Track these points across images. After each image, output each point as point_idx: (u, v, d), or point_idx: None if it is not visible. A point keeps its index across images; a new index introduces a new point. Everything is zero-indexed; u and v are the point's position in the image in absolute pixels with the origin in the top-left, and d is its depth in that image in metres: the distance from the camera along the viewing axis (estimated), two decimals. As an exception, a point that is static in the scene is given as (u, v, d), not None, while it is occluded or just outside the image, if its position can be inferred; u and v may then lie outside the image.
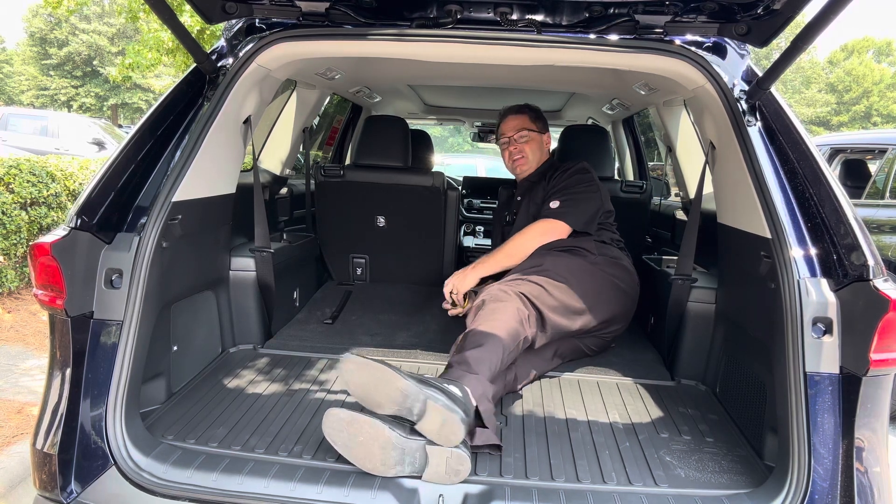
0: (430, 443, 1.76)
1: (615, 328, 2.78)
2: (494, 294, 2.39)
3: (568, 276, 2.55)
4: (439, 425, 1.76)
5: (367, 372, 1.84)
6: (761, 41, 2.09)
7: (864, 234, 1.78)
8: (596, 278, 2.66)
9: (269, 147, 3.69)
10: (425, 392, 1.79)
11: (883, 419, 1.75)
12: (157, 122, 2.14)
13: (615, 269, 2.77)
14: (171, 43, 9.18)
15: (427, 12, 2.22)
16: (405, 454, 1.76)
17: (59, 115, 16.26)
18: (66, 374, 1.85)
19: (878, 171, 5.41)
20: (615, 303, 2.70)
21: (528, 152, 3.12)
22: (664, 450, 2.00)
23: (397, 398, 1.80)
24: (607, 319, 2.68)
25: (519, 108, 3.19)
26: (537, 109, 3.21)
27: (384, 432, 1.75)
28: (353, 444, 1.76)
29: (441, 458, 1.75)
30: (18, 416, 3.54)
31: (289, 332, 3.00)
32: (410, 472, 1.76)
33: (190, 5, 2.13)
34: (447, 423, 1.76)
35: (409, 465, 1.75)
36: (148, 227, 1.97)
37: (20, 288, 5.46)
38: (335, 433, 1.78)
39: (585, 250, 2.75)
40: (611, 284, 2.70)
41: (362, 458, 1.76)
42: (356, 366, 1.86)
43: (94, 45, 37.36)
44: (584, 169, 3.01)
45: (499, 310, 2.29)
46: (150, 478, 1.73)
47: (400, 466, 1.75)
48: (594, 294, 2.60)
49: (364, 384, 1.84)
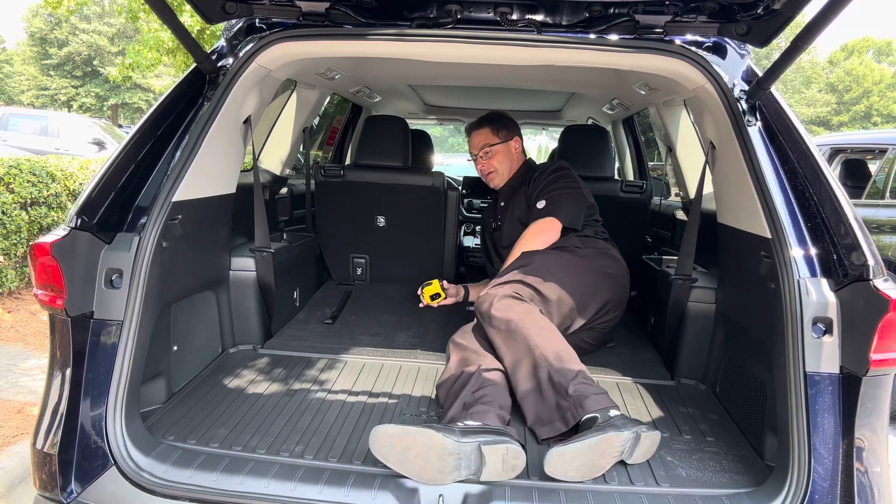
0: (484, 443, 1.74)
1: (610, 317, 2.77)
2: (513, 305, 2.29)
3: (558, 272, 2.55)
4: (648, 448, 1.89)
5: (583, 455, 1.77)
6: (761, 41, 2.09)
7: (865, 233, 1.77)
8: (585, 270, 2.67)
9: (270, 147, 3.69)
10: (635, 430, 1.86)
11: (883, 419, 1.75)
12: (157, 122, 2.14)
13: (603, 259, 2.80)
14: (171, 43, 9.18)
15: (427, 12, 2.22)
16: (461, 458, 1.72)
17: (59, 115, 16.24)
18: (66, 374, 1.85)
19: (878, 171, 5.41)
20: (606, 289, 2.71)
21: (497, 165, 3.16)
22: (665, 449, 2.00)
23: (617, 453, 1.85)
24: (601, 307, 2.68)
25: (479, 122, 3.20)
26: (499, 118, 3.19)
27: (439, 440, 1.71)
28: (406, 457, 1.72)
29: (497, 455, 1.74)
30: (18, 416, 3.54)
31: (289, 332, 3.00)
32: (468, 476, 1.74)
33: (190, 5, 2.13)
34: (656, 442, 1.91)
35: (465, 469, 1.73)
36: (148, 227, 1.97)
37: (20, 288, 5.46)
38: (387, 450, 1.72)
39: (573, 246, 2.79)
40: (601, 273, 2.72)
41: (418, 470, 1.72)
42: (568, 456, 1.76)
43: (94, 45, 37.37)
44: (562, 167, 3.04)
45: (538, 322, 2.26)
46: (150, 478, 1.73)
47: (457, 472, 1.72)
48: (585, 286, 2.61)
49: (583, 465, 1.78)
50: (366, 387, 2.41)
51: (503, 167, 3.17)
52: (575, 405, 1.99)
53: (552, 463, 1.74)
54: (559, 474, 1.75)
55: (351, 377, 2.50)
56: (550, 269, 2.56)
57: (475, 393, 2.12)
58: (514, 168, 3.19)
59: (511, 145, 3.18)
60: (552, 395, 2.07)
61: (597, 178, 3.68)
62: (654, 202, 4.08)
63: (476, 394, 2.12)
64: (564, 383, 2.04)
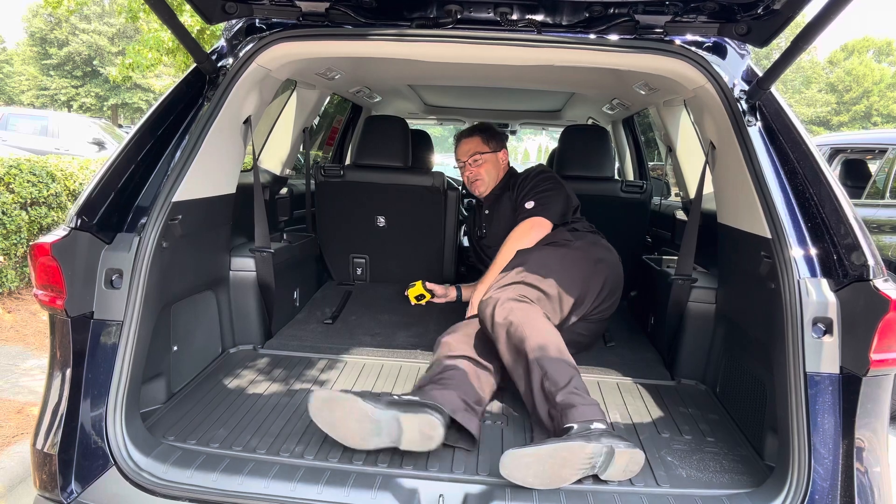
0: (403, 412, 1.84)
1: (606, 305, 2.78)
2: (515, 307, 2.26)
3: (556, 266, 2.58)
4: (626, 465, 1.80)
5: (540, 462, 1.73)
6: (761, 41, 2.09)
7: (865, 234, 1.77)
8: (580, 261, 2.71)
9: (270, 147, 3.69)
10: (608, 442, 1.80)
11: (883, 419, 1.75)
12: (157, 123, 2.14)
13: (595, 248, 2.86)
14: (171, 43, 9.17)
15: (427, 12, 2.22)
16: (381, 425, 1.84)
17: (59, 115, 16.24)
18: (66, 374, 1.85)
19: (878, 171, 5.40)
20: (602, 276, 2.75)
21: (483, 174, 3.24)
22: (665, 449, 2.00)
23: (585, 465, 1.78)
24: (598, 294, 2.71)
25: (470, 131, 3.32)
26: (489, 129, 3.31)
27: (360, 405, 1.85)
28: (333, 420, 1.86)
29: (413, 425, 1.84)
30: (18, 416, 3.54)
31: (289, 333, 3.00)
32: (389, 443, 1.84)
33: (190, 5, 2.13)
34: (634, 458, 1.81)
35: (386, 437, 1.84)
36: (148, 228, 1.97)
37: (20, 288, 5.46)
38: (318, 412, 1.88)
39: (564, 240, 2.84)
40: (595, 261, 2.76)
41: (343, 433, 1.86)
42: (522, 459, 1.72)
43: (94, 45, 37.36)
44: (543, 170, 3.14)
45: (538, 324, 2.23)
46: (150, 478, 1.73)
47: (378, 438, 1.83)
48: (583, 277, 2.65)
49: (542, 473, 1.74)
50: (366, 387, 2.41)
51: (489, 176, 3.26)
52: (560, 414, 1.97)
53: (505, 465, 1.71)
54: (516, 478, 1.71)
55: (351, 377, 2.50)
56: (548, 263, 2.58)
57: (435, 376, 2.19)
58: (498, 177, 3.29)
59: (499, 157, 3.28)
60: (543, 401, 2.06)
61: (597, 179, 3.68)
62: (654, 202, 4.07)
63: (436, 377, 2.18)
64: (554, 392, 2.02)
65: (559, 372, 2.06)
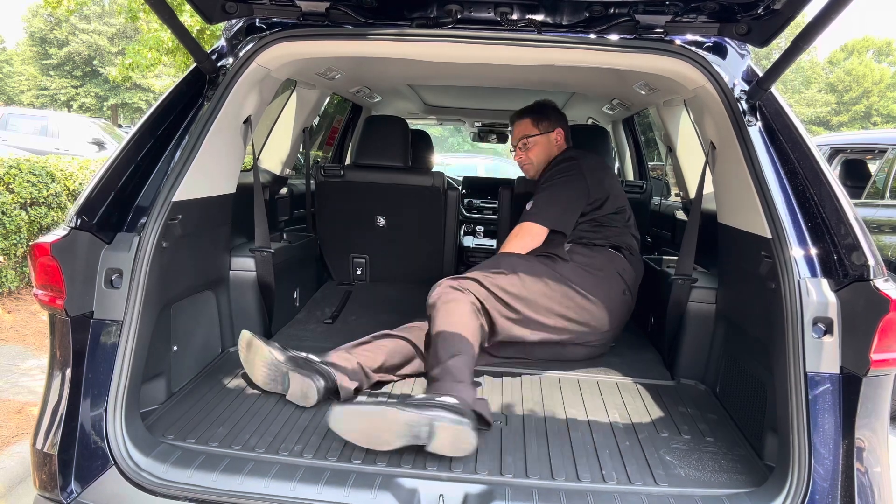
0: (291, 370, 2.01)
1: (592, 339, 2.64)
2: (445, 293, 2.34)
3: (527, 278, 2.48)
4: (451, 441, 1.79)
5: (362, 419, 1.82)
6: (761, 41, 2.08)
7: (865, 233, 1.77)
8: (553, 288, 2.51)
9: (269, 147, 3.69)
10: (429, 415, 1.80)
11: (883, 419, 1.75)
12: (157, 122, 2.14)
13: (587, 279, 2.58)
14: (171, 43, 9.17)
15: (427, 12, 2.22)
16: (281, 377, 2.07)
17: (59, 115, 16.25)
18: (66, 374, 1.85)
19: (878, 171, 5.40)
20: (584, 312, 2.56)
21: (533, 157, 3.03)
22: (664, 449, 2.00)
23: (403, 431, 1.79)
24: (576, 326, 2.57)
25: (520, 113, 3.09)
26: (541, 108, 3.07)
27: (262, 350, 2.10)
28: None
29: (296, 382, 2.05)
30: (18, 416, 3.54)
31: (288, 333, 3.00)
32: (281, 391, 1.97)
33: (190, 5, 2.13)
34: (460, 436, 1.80)
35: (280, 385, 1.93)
36: (148, 227, 1.97)
37: (20, 288, 5.46)
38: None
39: (557, 256, 2.63)
40: (576, 294, 2.55)
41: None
42: (349, 415, 1.83)
43: (94, 45, 37.36)
44: (567, 158, 2.85)
45: (455, 311, 2.28)
46: (150, 478, 1.73)
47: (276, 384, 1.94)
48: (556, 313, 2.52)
49: (364, 431, 1.81)
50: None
51: (539, 159, 3.00)
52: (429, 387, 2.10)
53: (333, 418, 1.84)
54: (341, 431, 1.83)
55: None
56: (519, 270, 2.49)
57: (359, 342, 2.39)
58: (550, 159, 3.00)
59: (552, 137, 3.00)
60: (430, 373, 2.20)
61: None
62: (654, 202, 4.08)
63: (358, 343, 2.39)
64: (433, 365, 2.15)
65: (444, 349, 2.15)
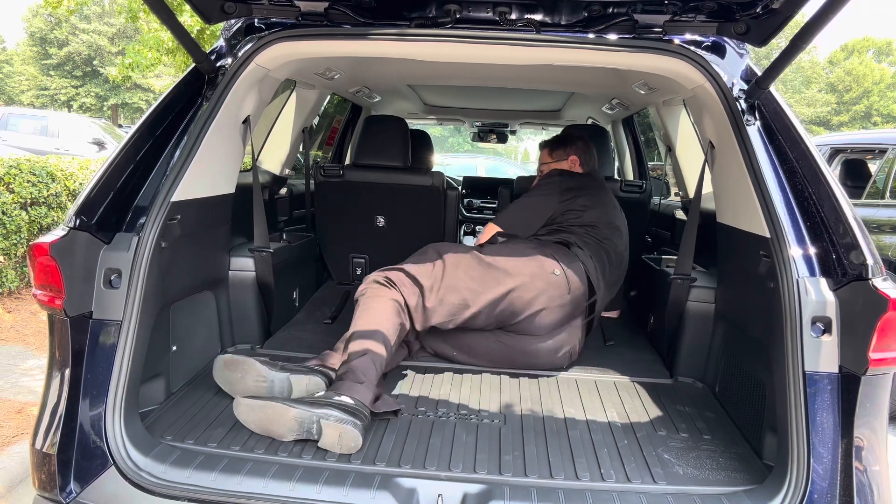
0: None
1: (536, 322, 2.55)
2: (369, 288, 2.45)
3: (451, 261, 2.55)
4: (337, 439, 1.89)
5: (259, 412, 1.96)
6: (760, 40, 2.09)
7: (863, 233, 1.77)
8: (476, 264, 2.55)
9: (269, 147, 3.69)
10: (317, 413, 1.92)
11: (882, 418, 1.75)
12: (156, 122, 2.14)
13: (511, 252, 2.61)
14: (171, 43, 9.18)
15: (426, 12, 2.22)
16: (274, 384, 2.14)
17: (59, 115, 16.26)
18: (65, 374, 1.85)
19: (878, 171, 5.40)
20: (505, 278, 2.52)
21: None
22: (663, 448, 2.00)
23: (294, 426, 1.93)
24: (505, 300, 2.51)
25: (542, 144, 3.49)
26: (561, 140, 3.32)
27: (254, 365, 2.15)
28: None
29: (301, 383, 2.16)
30: (18, 416, 3.54)
31: (288, 333, 3.00)
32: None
33: (189, 5, 2.13)
34: (344, 435, 1.89)
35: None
36: (147, 227, 1.97)
37: (20, 288, 5.46)
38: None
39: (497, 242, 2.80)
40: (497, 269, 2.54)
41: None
42: (248, 408, 1.98)
43: (94, 45, 37.38)
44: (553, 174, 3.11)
45: (373, 307, 2.36)
46: (149, 478, 1.73)
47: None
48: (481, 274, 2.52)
49: (261, 422, 1.96)
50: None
51: None
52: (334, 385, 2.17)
53: (236, 407, 1.99)
54: (242, 418, 1.98)
55: None
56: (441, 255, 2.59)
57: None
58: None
59: (564, 165, 3.24)
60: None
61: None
62: (653, 202, 4.08)
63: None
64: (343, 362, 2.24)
65: (354, 348, 2.24)
